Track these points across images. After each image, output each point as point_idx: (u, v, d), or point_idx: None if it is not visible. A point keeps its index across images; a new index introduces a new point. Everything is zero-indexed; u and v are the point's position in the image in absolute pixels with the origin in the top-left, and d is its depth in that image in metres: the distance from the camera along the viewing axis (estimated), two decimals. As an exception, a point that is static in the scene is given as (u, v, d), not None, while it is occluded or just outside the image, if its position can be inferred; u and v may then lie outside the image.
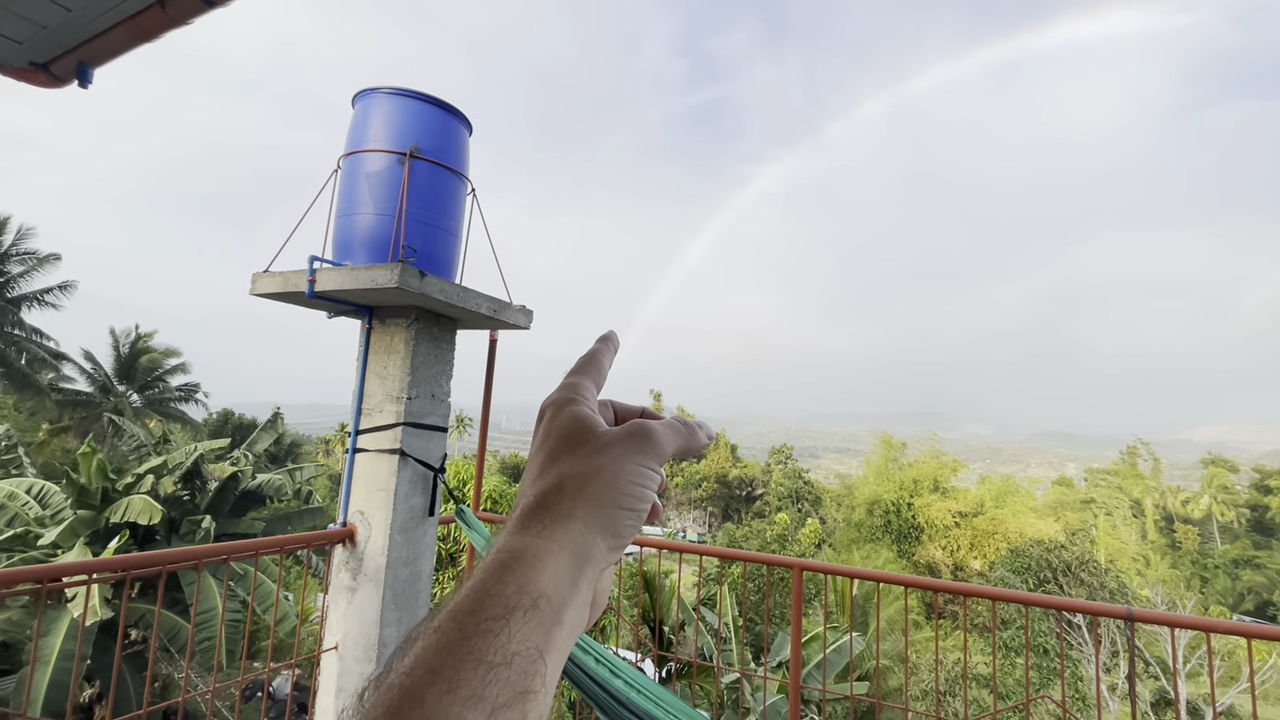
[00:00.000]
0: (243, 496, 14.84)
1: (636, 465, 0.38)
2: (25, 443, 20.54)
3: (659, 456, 0.40)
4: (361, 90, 3.34)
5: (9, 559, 11.17)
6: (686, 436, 0.44)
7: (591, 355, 0.48)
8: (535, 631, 0.30)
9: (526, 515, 0.36)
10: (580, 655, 2.43)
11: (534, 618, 0.31)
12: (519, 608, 0.30)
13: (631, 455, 0.39)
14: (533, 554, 0.33)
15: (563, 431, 0.40)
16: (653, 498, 0.40)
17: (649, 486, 0.39)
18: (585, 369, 0.47)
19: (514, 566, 0.32)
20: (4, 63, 1.90)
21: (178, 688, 12.57)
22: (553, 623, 0.32)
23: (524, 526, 0.35)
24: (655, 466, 0.40)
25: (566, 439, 0.40)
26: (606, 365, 0.49)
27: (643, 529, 0.41)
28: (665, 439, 0.41)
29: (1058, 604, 2.90)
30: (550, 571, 0.33)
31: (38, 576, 2.37)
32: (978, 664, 20.06)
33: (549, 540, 0.34)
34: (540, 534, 0.35)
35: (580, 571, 0.35)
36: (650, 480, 0.39)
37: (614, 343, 0.51)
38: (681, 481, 56.89)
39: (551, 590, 0.32)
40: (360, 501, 3.18)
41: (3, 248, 23.47)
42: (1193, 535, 45.01)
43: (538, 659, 0.30)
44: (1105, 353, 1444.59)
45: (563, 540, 0.35)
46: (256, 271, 3.23)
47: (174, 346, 27.68)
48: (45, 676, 9.14)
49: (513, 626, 0.30)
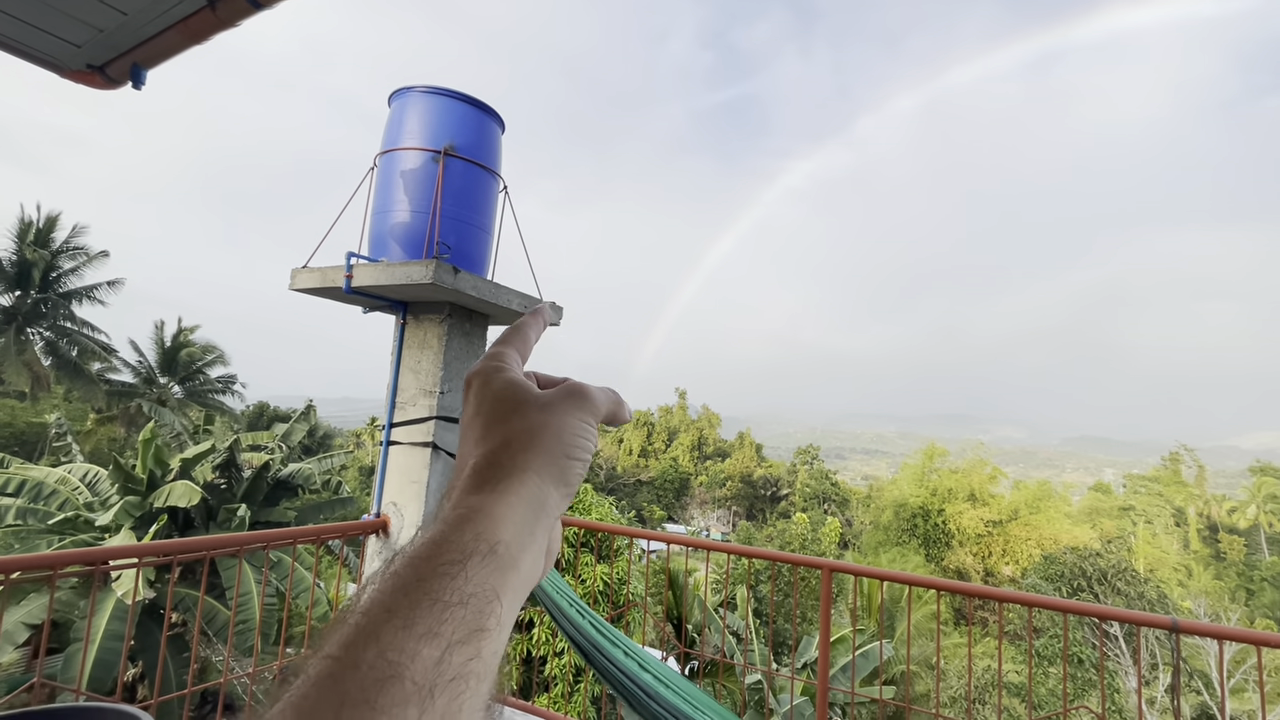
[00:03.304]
0: (276, 486, 15.25)
1: (577, 420, 0.41)
2: (75, 431, 21.41)
3: (595, 413, 0.43)
4: (397, 89, 3.39)
5: (60, 541, 11.66)
6: (615, 403, 0.46)
7: (518, 327, 0.49)
8: (492, 574, 0.31)
9: (478, 474, 0.37)
10: (609, 648, 2.44)
11: (492, 562, 0.32)
12: (476, 553, 0.32)
13: (572, 411, 0.41)
14: (489, 506, 0.35)
15: (498, 396, 0.42)
16: (593, 448, 0.42)
17: (590, 439, 0.41)
18: (510, 339, 0.48)
19: (471, 518, 0.34)
20: (63, 65, 1.98)
21: (215, 670, 12.99)
22: (509, 567, 0.33)
23: (476, 485, 0.37)
24: (592, 422, 0.42)
25: (504, 401, 0.41)
26: (533, 338, 0.50)
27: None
28: (598, 398, 0.44)
29: (1098, 612, 2.82)
30: (508, 520, 0.34)
31: (89, 559, 2.47)
32: (1008, 672, 19.61)
33: (504, 493, 0.36)
34: (495, 488, 0.36)
35: (537, 520, 0.36)
36: (590, 434, 0.42)
37: (544, 316, 0.52)
38: (706, 480, 56.71)
39: (509, 537, 0.34)
40: (394, 493, 3.24)
41: (55, 245, 24.51)
42: (1238, 546, 43.27)
43: (494, 600, 0.31)
44: (1147, 355, 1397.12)
45: (519, 491, 0.36)
46: (295, 267, 3.31)
47: (212, 341, 28.61)
48: (91, 655, 9.52)
49: (469, 570, 0.31)
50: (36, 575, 2.34)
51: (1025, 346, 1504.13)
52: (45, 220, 24.23)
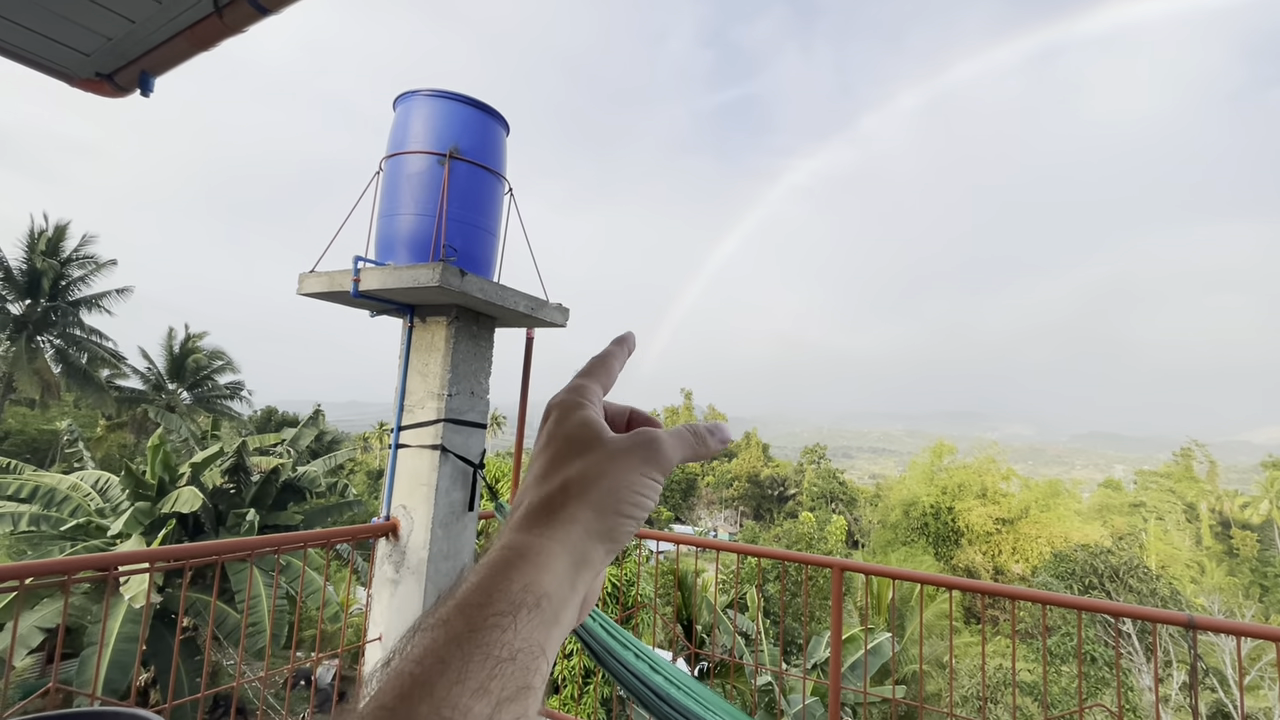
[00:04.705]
0: (284, 489, 15.33)
1: (640, 476, 0.39)
2: (85, 438, 21.58)
3: (663, 468, 0.40)
4: (402, 93, 3.40)
5: (72, 547, 11.76)
6: (694, 446, 0.43)
7: (603, 357, 0.48)
8: (538, 629, 0.31)
9: (531, 515, 0.37)
10: (620, 650, 2.43)
11: (537, 616, 0.32)
12: (524, 605, 0.32)
13: (636, 465, 0.39)
14: (535, 552, 0.34)
15: (569, 435, 0.41)
16: (651, 507, 0.40)
17: (650, 496, 0.40)
18: (595, 372, 0.46)
19: (519, 564, 0.33)
20: (72, 74, 2.00)
21: (226, 674, 13.05)
22: (552, 622, 0.33)
23: (528, 525, 0.36)
24: (658, 478, 0.40)
25: (572, 443, 0.40)
26: (617, 369, 0.48)
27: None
28: (671, 450, 0.41)
29: (1113, 609, 2.79)
30: (552, 572, 0.34)
31: (102, 564, 2.48)
32: (1021, 671, 19.49)
33: (551, 540, 0.35)
34: (543, 534, 0.36)
35: (578, 574, 0.36)
36: (652, 490, 0.40)
37: (629, 345, 0.50)
38: (713, 480, 56.65)
39: (553, 590, 0.33)
40: (403, 496, 3.25)
41: (65, 253, 24.72)
42: (1251, 542, 42.82)
43: (539, 656, 0.31)
44: (1156, 350, 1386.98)
45: (564, 542, 0.36)
46: (303, 272, 3.32)
47: (220, 347, 28.78)
48: (106, 660, 9.59)
49: (519, 624, 0.31)
50: (51, 581, 2.35)
51: (1033, 342, 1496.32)
52: (55, 229, 24.46)
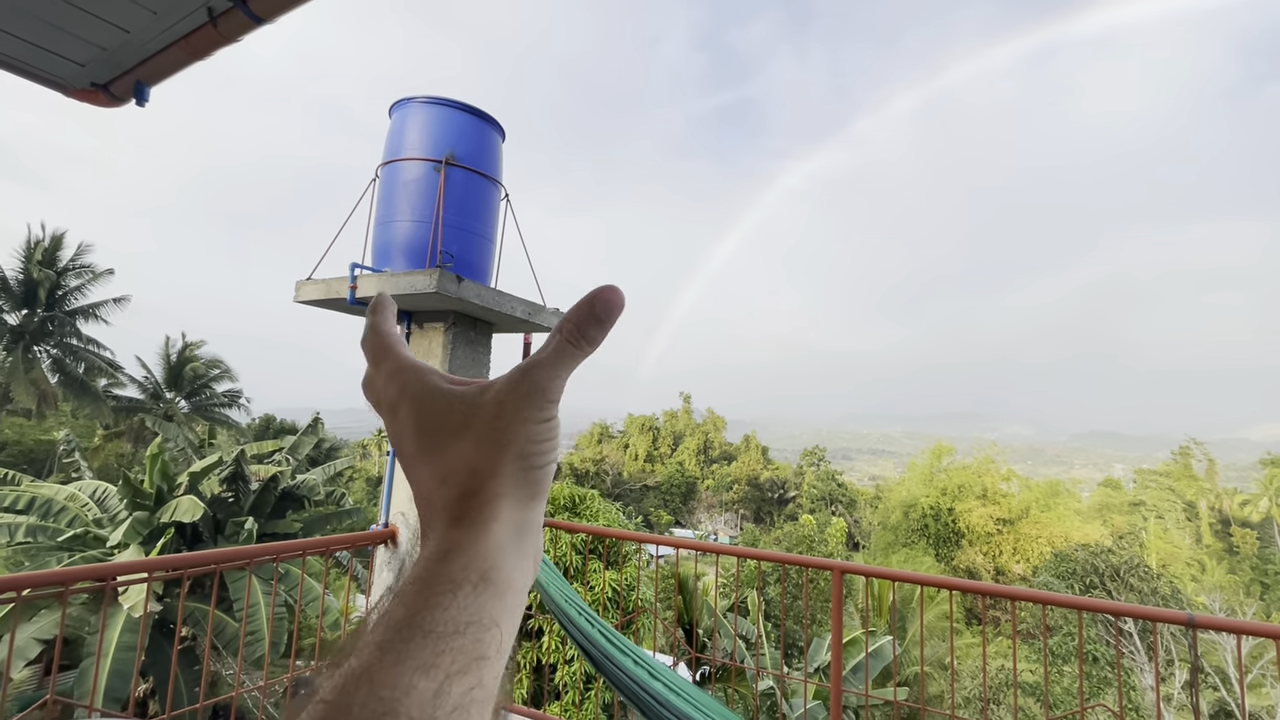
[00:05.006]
0: (282, 497, 15.28)
1: (536, 426, 0.36)
2: (83, 447, 21.52)
3: (552, 398, 0.36)
4: (398, 100, 3.41)
5: (69, 558, 11.71)
6: (582, 353, 0.37)
7: (381, 332, 0.42)
8: (488, 601, 0.31)
9: (451, 511, 0.35)
10: (619, 656, 2.43)
11: (484, 589, 0.31)
12: (466, 582, 0.31)
13: (521, 410, 0.36)
14: (472, 541, 0.33)
15: (438, 415, 0.37)
16: (557, 440, 0.37)
17: (552, 435, 0.37)
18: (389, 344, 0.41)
19: (454, 553, 0.32)
20: (67, 84, 2.00)
21: (225, 684, 12.99)
22: (505, 589, 0.32)
23: (455, 520, 0.34)
24: (552, 414, 0.37)
25: (447, 422, 0.37)
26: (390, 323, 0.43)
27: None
28: (555, 388, 0.37)
29: (1113, 609, 2.80)
30: (493, 545, 0.33)
31: (101, 574, 2.48)
32: (1022, 671, 19.45)
33: (485, 524, 0.34)
34: (473, 522, 0.34)
35: (522, 540, 0.35)
36: (550, 429, 0.37)
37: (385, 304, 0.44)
38: (712, 484, 56.58)
39: (498, 562, 0.33)
40: (402, 503, 3.24)
41: (61, 263, 24.70)
42: (1251, 539, 42.85)
43: (491, 627, 0.30)
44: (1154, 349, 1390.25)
45: (500, 519, 0.34)
46: (300, 279, 3.32)
47: (218, 356, 28.75)
48: (105, 671, 9.54)
49: (461, 599, 0.30)
50: (49, 592, 2.34)
51: (1031, 343, 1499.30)
52: (51, 239, 24.44)
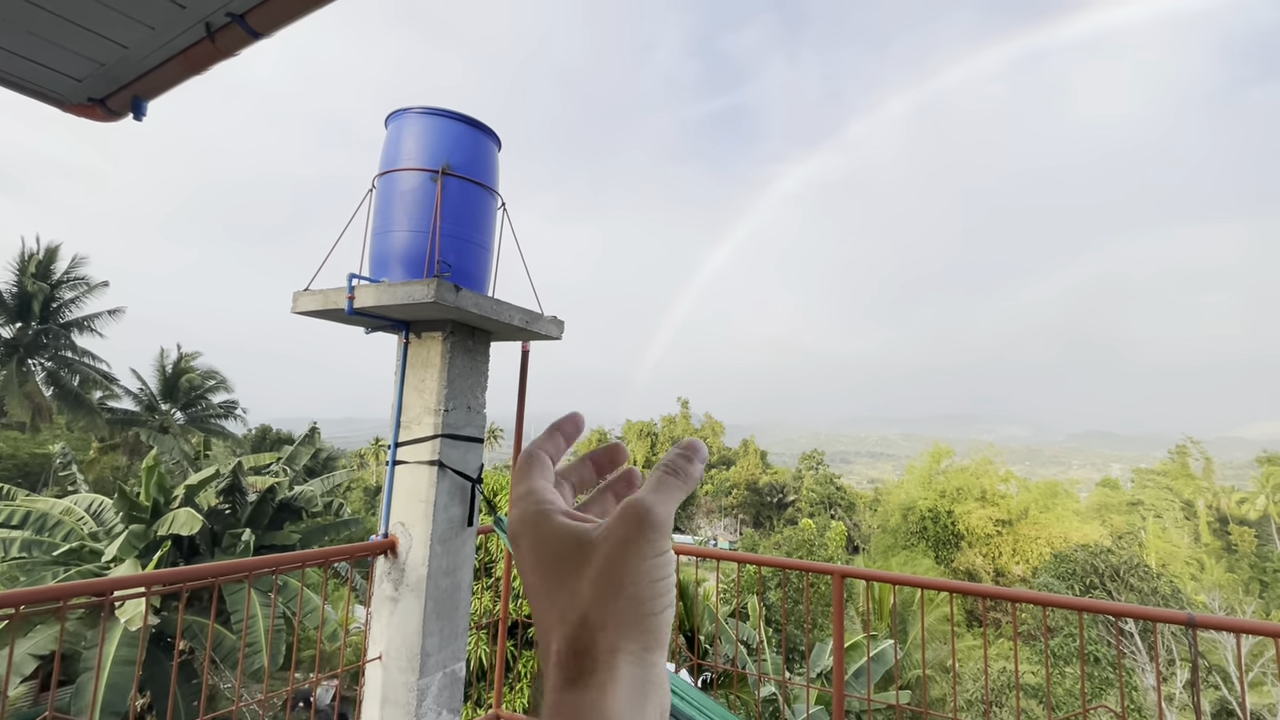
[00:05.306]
0: (280, 509, 15.21)
1: (648, 561, 0.35)
2: (78, 461, 21.39)
3: (663, 533, 0.36)
4: (394, 111, 3.42)
5: (65, 573, 11.62)
6: (679, 485, 0.38)
7: (529, 455, 0.43)
8: None
9: (564, 667, 0.34)
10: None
11: None
12: None
13: (637, 553, 0.35)
14: (588, 705, 0.31)
15: (555, 554, 0.36)
16: (674, 579, 0.36)
17: (667, 573, 0.36)
18: (532, 467, 0.42)
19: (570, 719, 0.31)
20: (65, 100, 2.00)
21: (223, 697, 12.88)
22: None
23: (570, 680, 0.33)
24: (664, 548, 0.36)
25: (562, 563, 0.36)
26: (554, 452, 0.44)
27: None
28: (662, 510, 0.36)
29: (1113, 609, 2.80)
30: (610, 712, 0.31)
31: (98, 589, 2.46)
32: (1024, 673, 19.42)
33: (603, 688, 0.32)
34: (589, 684, 0.32)
35: (646, 698, 0.33)
36: (665, 568, 0.36)
37: (567, 428, 0.45)
38: (711, 489, 56.51)
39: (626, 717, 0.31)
40: (401, 513, 3.24)
41: (55, 275, 24.63)
42: (1249, 537, 42.95)
43: None
44: (1149, 349, 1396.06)
45: (618, 679, 0.32)
46: (297, 290, 3.32)
47: (213, 367, 28.66)
48: (103, 685, 9.46)
49: None
50: (45, 608, 2.33)
51: (1027, 344, 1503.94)
52: (45, 252, 24.37)
